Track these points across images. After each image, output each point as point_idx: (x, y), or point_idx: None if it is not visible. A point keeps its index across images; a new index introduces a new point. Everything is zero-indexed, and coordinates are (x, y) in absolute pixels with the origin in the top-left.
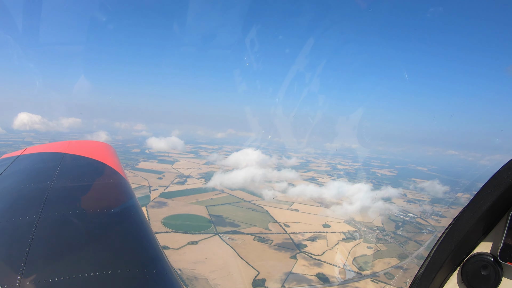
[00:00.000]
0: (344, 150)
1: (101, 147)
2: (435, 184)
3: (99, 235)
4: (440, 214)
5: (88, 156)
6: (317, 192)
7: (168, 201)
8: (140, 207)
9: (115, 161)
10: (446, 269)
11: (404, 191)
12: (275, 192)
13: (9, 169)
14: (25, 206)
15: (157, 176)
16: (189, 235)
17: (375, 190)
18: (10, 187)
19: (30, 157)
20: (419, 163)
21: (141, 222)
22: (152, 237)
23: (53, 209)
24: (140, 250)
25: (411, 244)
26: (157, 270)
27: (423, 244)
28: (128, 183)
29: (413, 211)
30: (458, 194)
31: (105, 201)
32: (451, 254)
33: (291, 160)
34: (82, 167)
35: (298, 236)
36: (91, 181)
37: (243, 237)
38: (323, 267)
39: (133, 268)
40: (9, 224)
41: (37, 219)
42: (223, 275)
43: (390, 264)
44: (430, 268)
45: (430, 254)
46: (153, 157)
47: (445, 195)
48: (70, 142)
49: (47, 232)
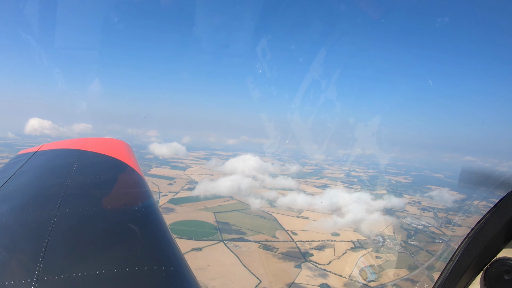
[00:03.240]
0: (360, 157)
1: (118, 144)
2: (450, 191)
3: (117, 232)
4: (455, 223)
5: (105, 153)
6: (307, 202)
7: (176, 207)
8: (157, 206)
9: (132, 159)
10: (470, 273)
11: (418, 198)
12: (261, 201)
13: (27, 165)
14: (42, 202)
15: (168, 182)
16: (193, 242)
17: (388, 197)
18: (28, 182)
19: (47, 153)
20: (435, 170)
21: (159, 220)
22: (170, 235)
23: (70, 205)
24: (158, 248)
25: (422, 254)
26: (175, 268)
27: (435, 254)
28: (145, 181)
29: (427, 220)
30: (475, 201)
31: (122, 198)
32: (475, 258)
33: (294, 167)
34: (99, 164)
35: (305, 244)
36: (109, 178)
37: (248, 245)
38: (327, 277)
39: (150, 265)
40: (27, 219)
41: (55, 215)
42: (224, 282)
43: (398, 276)
44: (454, 271)
45: (453, 258)
46: (166, 163)
47: (461, 203)
48: (87, 139)
49: (65, 228)
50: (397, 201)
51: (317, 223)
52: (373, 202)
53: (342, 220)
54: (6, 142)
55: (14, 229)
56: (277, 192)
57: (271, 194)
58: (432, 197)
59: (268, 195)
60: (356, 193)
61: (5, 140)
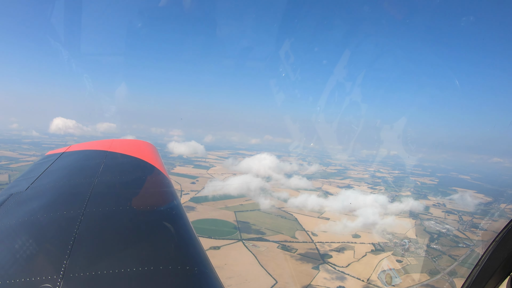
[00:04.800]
0: (385, 158)
1: (144, 146)
2: (476, 193)
3: (142, 231)
4: (480, 227)
5: (131, 154)
6: (328, 203)
7: (197, 205)
8: (182, 207)
9: (157, 160)
10: (497, 278)
11: (443, 200)
12: (282, 201)
13: (54, 165)
14: (69, 201)
15: (190, 180)
16: (212, 240)
17: (412, 199)
18: (56, 182)
19: (75, 154)
20: (462, 171)
21: (184, 221)
22: (194, 236)
23: (97, 205)
24: (182, 248)
25: (444, 258)
26: (199, 268)
27: (458, 260)
28: (170, 182)
29: (451, 223)
30: (501, 205)
31: (148, 199)
32: (503, 263)
33: (317, 167)
34: (125, 164)
35: (325, 246)
36: (134, 179)
37: (267, 245)
38: (345, 280)
39: (175, 265)
40: (55, 217)
41: (81, 214)
42: (240, 282)
43: (419, 281)
44: (481, 276)
45: (479, 262)
46: (189, 162)
47: (487, 206)
48: (113, 140)
49: (91, 226)
50: (421, 203)
51: (338, 224)
52: (396, 204)
53: (364, 222)
54: (33, 141)
55: (42, 227)
56: (299, 192)
57: (292, 194)
58: (457, 199)
59: (289, 195)
60: (379, 195)
61: (32, 139)
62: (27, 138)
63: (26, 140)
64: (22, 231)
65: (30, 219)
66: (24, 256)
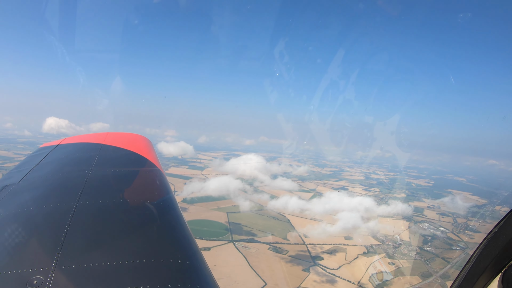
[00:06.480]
0: (380, 159)
1: (139, 139)
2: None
3: (135, 224)
4: (475, 229)
5: (126, 147)
6: (321, 204)
7: (189, 206)
8: (175, 200)
9: (152, 154)
10: (488, 275)
11: (438, 202)
12: (275, 202)
13: (48, 157)
14: (63, 194)
15: (184, 181)
16: (202, 241)
17: (406, 201)
18: (49, 174)
19: (69, 147)
20: (457, 174)
21: (177, 214)
22: (187, 230)
23: (90, 197)
24: (175, 241)
25: (437, 261)
26: (191, 262)
27: (451, 262)
28: (164, 176)
29: (445, 225)
30: (496, 207)
31: (141, 192)
32: (494, 260)
33: (301, 169)
34: (119, 157)
35: (316, 247)
36: (128, 172)
37: (258, 246)
38: (335, 283)
39: (166, 258)
40: (48, 209)
41: (74, 206)
42: (229, 283)
43: (410, 283)
44: (472, 273)
45: (471, 259)
46: (184, 162)
47: (481, 208)
48: (108, 133)
49: (84, 219)
50: (415, 205)
51: (331, 226)
52: (390, 205)
53: (357, 224)
54: (29, 141)
55: (35, 219)
56: (293, 194)
57: (286, 195)
58: (452, 201)
59: (284, 196)
60: (373, 197)
61: (25, 138)
62: (22, 138)
63: (21, 140)
64: (14, 223)
65: (23, 211)
66: (16, 248)
